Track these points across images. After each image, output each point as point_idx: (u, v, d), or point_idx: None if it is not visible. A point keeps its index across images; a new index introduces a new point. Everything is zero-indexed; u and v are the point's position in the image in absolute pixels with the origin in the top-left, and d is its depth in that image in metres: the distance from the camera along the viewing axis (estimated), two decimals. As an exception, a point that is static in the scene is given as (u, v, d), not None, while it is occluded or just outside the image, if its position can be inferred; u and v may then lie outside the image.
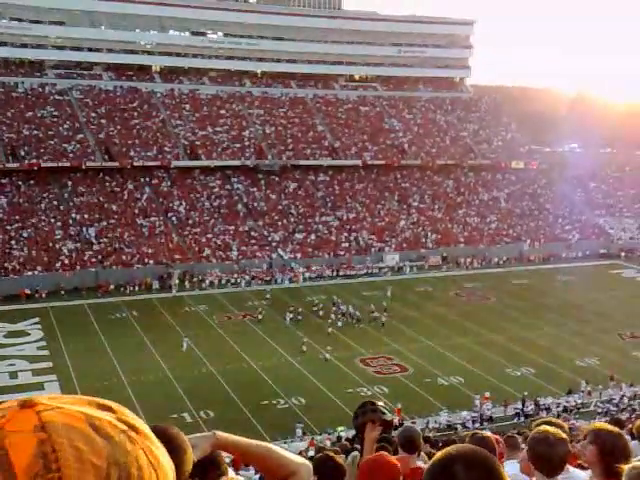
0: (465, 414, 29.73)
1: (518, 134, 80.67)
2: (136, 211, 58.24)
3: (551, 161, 77.76)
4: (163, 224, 57.54)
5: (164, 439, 1.76)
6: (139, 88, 70.29)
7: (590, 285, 53.39)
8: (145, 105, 68.91)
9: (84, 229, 54.81)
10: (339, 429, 27.04)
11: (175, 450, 1.72)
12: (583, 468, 4.35)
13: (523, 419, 29.00)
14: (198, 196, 62.02)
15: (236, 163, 65.59)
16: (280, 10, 78.70)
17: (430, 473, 1.59)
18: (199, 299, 47.83)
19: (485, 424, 28.65)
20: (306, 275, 54.39)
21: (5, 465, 0.90)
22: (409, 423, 22.97)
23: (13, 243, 51.55)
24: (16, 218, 53.93)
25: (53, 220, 54.93)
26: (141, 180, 61.86)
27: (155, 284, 50.39)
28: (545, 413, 28.26)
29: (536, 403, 30.40)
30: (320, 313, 43.76)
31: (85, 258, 51.88)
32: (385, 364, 35.84)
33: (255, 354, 36.39)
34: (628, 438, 3.70)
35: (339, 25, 78.13)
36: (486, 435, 5.06)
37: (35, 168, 57.73)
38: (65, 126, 63.31)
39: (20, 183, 57.37)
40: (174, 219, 58.78)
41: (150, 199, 60.24)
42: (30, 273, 48.97)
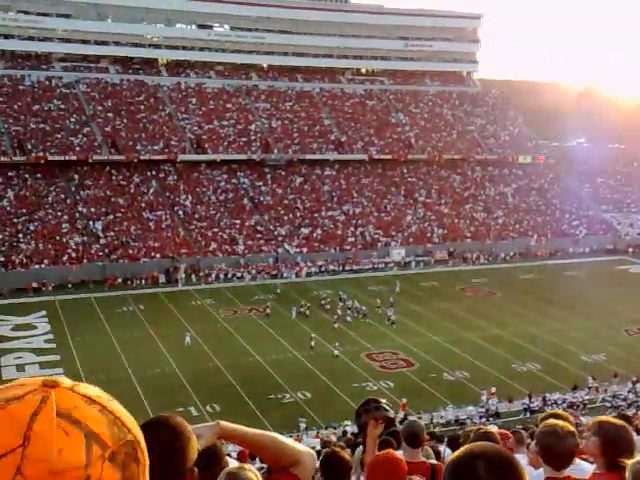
0: (471, 409, 29.71)
1: (525, 128, 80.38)
2: (142, 205, 58.34)
3: (558, 156, 77.48)
4: (169, 218, 57.61)
5: (168, 428, 1.74)
6: (145, 81, 70.30)
7: (597, 281, 53.20)
8: (151, 98, 68.92)
9: (91, 223, 54.94)
10: (344, 423, 27.08)
11: (179, 439, 1.71)
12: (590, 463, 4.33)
13: (529, 414, 28.96)
14: (204, 190, 62.06)
15: (242, 157, 65.59)
16: (287, 3, 78.39)
17: (452, 468, 1.58)
18: (205, 293, 47.93)
19: (491, 419, 28.63)
20: (312, 270, 54.41)
21: (93, 436, 0.97)
22: (414, 418, 23.02)
23: (20, 236, 51.71)
24: (23, 211, 54.09)
25: (60, 213, 55.07)
26: (147, 174, 61.95)
27: (161, 278, 50.50)
28: (550, 409, 28.16)
29: (543, 399, 30.33)
30: (327, 307, 43.77)
31: (92, 251, 52.02)
32: (391, 359, 35.83)
33: (261, 348, 36.44)
34: (634, 434, 3.67)
35: (346, 18, 77.86)
36: (490, 431, 5.06)
37: (42, 161, 57.87)
38: (72, 119, 63.40)
39: (27, 176, 57.52)
40: (180, 213, 58.84)
41: (156, 193, 60.32)
42: (37, 266, 49.15)
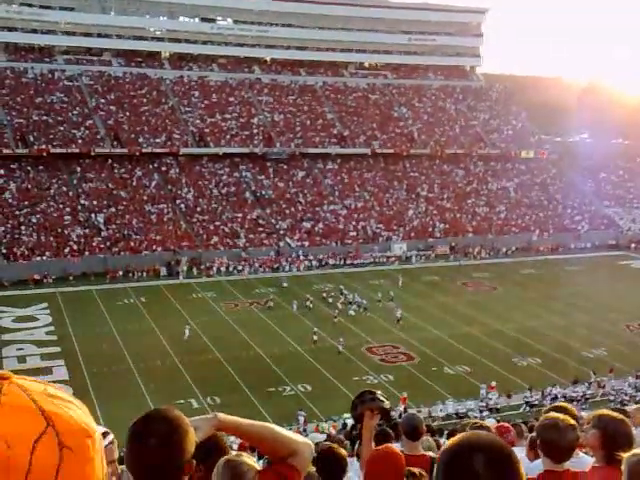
0: (471, 403, 29.74)
1: (528, 123, 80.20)
2: (145, 198, 58.35)
3: (561, 151, 77.38)
4: (171, 211, 57.63)
5: (165, 420, 1.75)
6: (148, 74, 70.23)
7: (598, 276, 53.15)
8: (154, 92, 68.85)
9: (93, 215, 54.98)
10: (345, 416, 27.13)
11: (176, 431, 1.72)
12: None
13: (529, 408, 29.00)
14: (206, 183, 62.05)
15: (244, 150, 65.55)
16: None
17: (446, 460, 1.48)
18: (206, 286, 47.99)
19: (487, 413, 28.65)
20: (313, 263, 54.43)
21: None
22: (413, 411, 23.03)
23: (22, 228, 51.77)
24: (25, 204, 54.14)
25: (62, 206, 55.11)
26: (149, 167, 61.94)
27: (163, 271, 50.57)
28: (549, 403, 28.17)
29: (542, 393, 30.35)
30: (330, 301, 43.79)
31: (94, 244, 52.08)
32: (391, 352, 35.88)
33: (262, 341, 36.50)
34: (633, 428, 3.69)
35: (349, 12, 77.60)
36: (485, 425, 5.07)
37: (44, 154, 57.88)
38: (74, 112, 63.38)
39: (29, 169, 57.55)
40: (182, 206, 58.85)
41: (158, 186, 60.33)
42: (39, 258, 49.22)
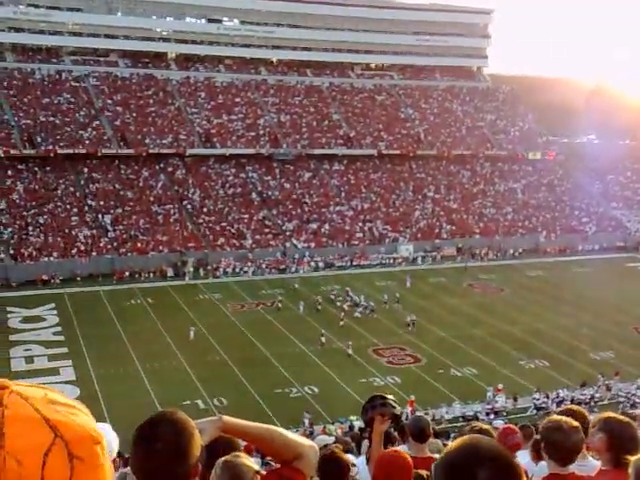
0: (477, 406, 29.64)
1: (535, 124, 79.99)
2: (151, 199, 58.47)
3: (568, 152, 77.10)
4: (178, 212, 57.73)
5: (171, 424, 1.73)
6: (155, 75, 70.40)
7: (606, 278, 52.90)
8: (161, 92, 69.02)
9: (100, 216, 55.13)
10: (351, 418, 27.09)
11: (183, 435, 1.70)
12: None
13: (536, 411, 28.88)
14: (213, 184, 62.14)
15: (251, 151, 65.60)
16: (297, -2, 78.46)
17: (447, 469, 1.39)
18: (213, 287, 48.03)
19: (494, 416, 28.55)
20: (319, 265, 54.42)
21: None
22: (420, 413, 22.96)
23: (30, 229, 51.95)
24: (32, 204, 54.32)
25: (69, 207, 55.28)
26: (156, 168, 62.08)
27: (169, 271, 50.64)
28: (555, 406, 28.02)
29: (546, 396, 30.22)
30: (338, 303, 43.76)
31: (101, 245, 52.21)
32: (398, 354, 35.81)
33: (268, 342, 36.50)
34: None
35: (355, 13, 77.60)
36: (485, 427, 5.03)
37: (51, 155, 58.08)
38: (81, 113, 63.59)
39: (36, 169, 57.76)
40: (189, 207, 58.94)
41: (165, 187, 60.44)
42: (46, 259, 49.36)
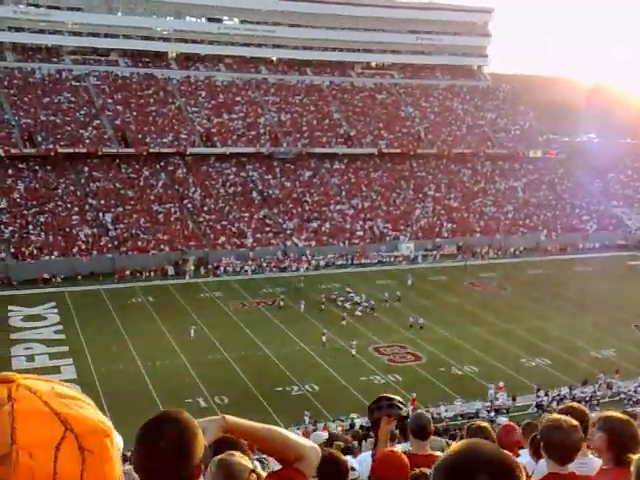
0: (478, 404, 29.65)
1: (536, 123, 79.92)
2: (152, 197, 58.47)
3: (569, 151, 77.04)
4: (178, 211, 57.73)
5: (176, 424, 1.74)
6: (155, 75, 70.38)
7: (607, 276, 52.89)
8: (161, 92, 69.00)
9: (100, 215, 55.14)
10: (352, 416, 27.12)
11: (187, 435, 1.71)
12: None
13: (537, 409, 28.89)
14: (213, 183, 62.14)
15: (251, 150, 65.59)
16: (297, -4, 78.43)
17: (445, 473, 1.39)
18: (214, 286, 48.05)
19: (494, 413, 28.57)
20: (320, 263, 54.45)
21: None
22: (422, 411, 22.91)
23: (30, 228, 51.98)
24: (33, 203, 54.35)
25: (70, 206, 55.29)
26: (157, 167, 62.08)
27: (170, 270, 50.66)
28: (556, 404, 28.02)
29: (546, 394, 30.22)
30: (339, 303, 43.79)
31: (101, 243, 52.23)
32: (399, 353, 35.83)
33: (269, 341, 36.52)
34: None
35: (356, 12, 77.54)
36: (483, 425, 5.03)
37: (52, 154, 58.09)
38: (82, 112, 63.58)
39: (37, 168, 57.77)
40: (189, 206, 58.95)
41: (166, 186, 60.45)
42: (47, 258, 49.39)
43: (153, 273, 49.95)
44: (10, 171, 56.65)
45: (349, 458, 4.40)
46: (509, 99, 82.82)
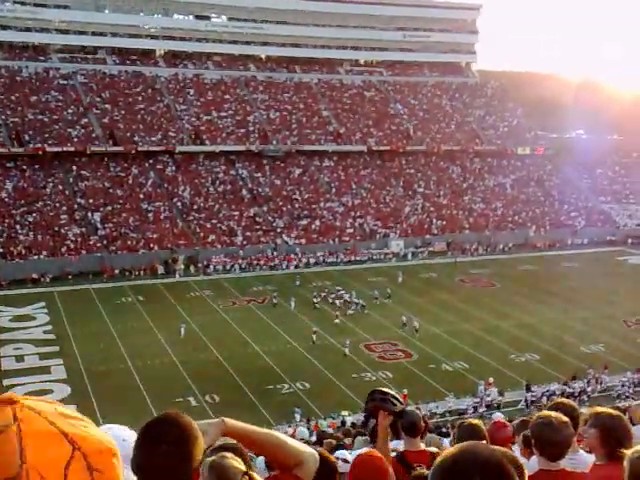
0: (469, 400, 29.76)
1: (524, 120, 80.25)
2: (141, 196, 58.24)
3: (557, 147, 77.41)
4: (168, 209, 57.55)
5: (176, 427, 1.74)
6: (143, 72, 70.07)
7: (595, 272, 53.23)
8: (149, 90, 68.72)
9: (89, 214, 54.87)
10: (343, 413, 27.17)
11: (188, 438, 1.72)
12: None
13: (526, 405, 29.03)
14: (203, 181, 61.96)
15: (241, 148, 65.47)
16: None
17: (444, 476, 1.40)
18: (204, 284, 47.94)
19: (483, 409, 28.69)
20: (311, 260, 54.45)
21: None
22: (412, 408, 22.96)
23: (18, 227, 51.65)
24: (21, 202, 54.00)
25: (58, 205, 54.98)
26: (146, 165, 61.83)
27: (160, 269, 50.50)
28: (546, 400, 28.17)
29: (527, 387, 30.36)
30: (329, 300, 43.79)
31: (90, 243, 51.98)
32: (390, 350, 35.89)
33: (260, 339, 36.50)
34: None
35: (344, 9, 77.49)
36: (474, 422, 5.04)
37: (40, 152, 57.74)
38: (69, 110, 63.22)
39: (25, 167, 57.40)
40: (179, 204, 58.76)
41: (155, 184, 60.23)
42: (36, 257, 49.10)
43: (143, 272, 49.77)
44: (-3, 170, 56.26)
45: (343, 452, 4.39)
46: (497, 96, 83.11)
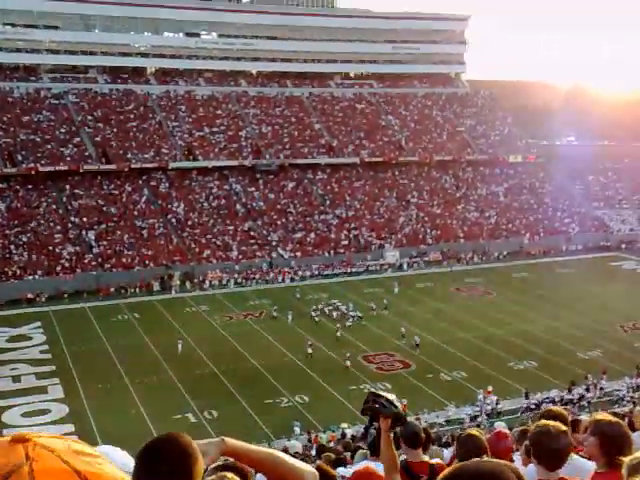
0: (468, 409, 29.70)
1: (515, 128, 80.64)
2: (135, 213, 58.19)
3: (549, 154, 77.73)
4: (162, 226, 57.50)
5: (176, 447, 1.75)
6: (134, 90, 70.21)
7: (591, 277, 53.38)
8: (141, 107, 68.82)
9: (83, 232, 54.77)
10: (343, 426, 27.06)
11: (188, 459, 1.71)
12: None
13: (526, 413, 28.96)
14: (197, 197, 61.97)
15: (234, 163, 65.55)
16: (274, 9, 78.81)
17: None
18: (200, 300, 47.82)
19: (482, 418, 28.63)
20: (307, 273, 54.41)
21: None
22: (412, 419, 22.95)
23: (12, 248, 51.50)
24: (15, 223, 53.87)
25: (52, 224, 54.87)
26: (139, 182, 61.80)
27: (156, 286, 50.38)
28: (544, 406, 28.12)
29: (526, 394, 30.31)
30: (326, 311, 43.77)
31: (85, 261, 51.85)
32: (387, 360, 35.84)
33: (258, 353, 36.38)
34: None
35: (333, 23, 78.03)
36: (473, 433, 5.02)
37: (33, 172, 57.69)
38: (62, 130, 63.23)
39: (18, 188, 57.30)
40: (173, 220, 58.73)
41: (148, 201, 60.19)
42: (31, 277, 48.93)
43: (138, 289, 49.65)
44: (-10, 191, 56.16)
45: (344, 469, 4.39)
46: (487, 105, 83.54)
